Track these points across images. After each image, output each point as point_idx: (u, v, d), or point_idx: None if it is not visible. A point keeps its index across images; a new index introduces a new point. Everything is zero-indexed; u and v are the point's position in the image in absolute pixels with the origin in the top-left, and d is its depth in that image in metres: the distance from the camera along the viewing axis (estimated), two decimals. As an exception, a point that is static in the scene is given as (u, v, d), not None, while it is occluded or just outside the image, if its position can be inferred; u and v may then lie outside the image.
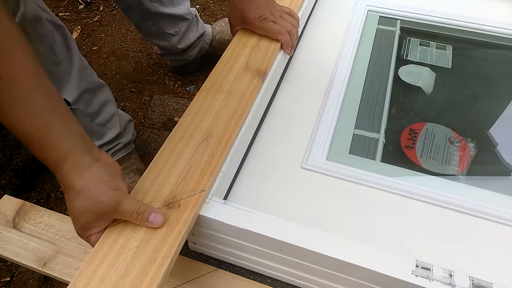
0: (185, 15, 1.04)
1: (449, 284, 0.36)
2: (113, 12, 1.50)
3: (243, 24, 0.65)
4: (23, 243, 0.48)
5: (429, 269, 0.37)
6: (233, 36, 0.66)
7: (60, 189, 1.01)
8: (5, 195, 0.54)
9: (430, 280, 0.36)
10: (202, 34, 1.11)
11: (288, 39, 0.63)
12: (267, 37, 0.63)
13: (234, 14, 0.64)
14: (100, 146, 0.89)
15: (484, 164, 0.60)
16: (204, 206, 0.43)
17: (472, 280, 0.36)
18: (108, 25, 1.43)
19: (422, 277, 0.36)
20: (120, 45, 1.33)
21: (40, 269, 0.45)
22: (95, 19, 1.47)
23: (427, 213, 0.50)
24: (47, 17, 0.69)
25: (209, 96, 0.54)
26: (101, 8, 1.55)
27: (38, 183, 0.99)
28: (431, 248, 0.46)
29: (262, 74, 0.57)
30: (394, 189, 0.52)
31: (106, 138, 0.88)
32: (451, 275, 0.36)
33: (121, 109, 1.04)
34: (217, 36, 1.17)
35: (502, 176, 0.59)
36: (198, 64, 1.19)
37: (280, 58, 0.63)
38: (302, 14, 0.73)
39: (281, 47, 0.63)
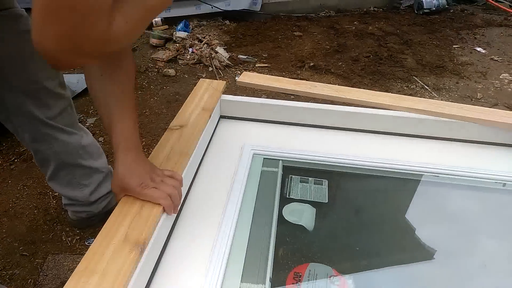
0: (102, 169, 1.08)
1: None
2: (11, 167, 1.48)
3: (125, 191, 0.69)
4: None
5: None
6: (116, 200, 0.70)
7: None
8: None
9: None
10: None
11: (170, 203, 0.68)
12: (149, 202, 0.68)
13: (116, 183, 0.69)
14: None
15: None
16: None
17: None
18: (3, 182, 1.40)
19: None
20: (15, 203, 1.29)
21: None
22: (-12, 176, 1.44)
23: None
24: None
25: (81, 280, 0.54)
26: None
27: None
28: None
29: (140, 246, 0.60)
30: None
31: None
32: None
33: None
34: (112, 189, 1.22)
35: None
36: (102, 217, 1.20)
37: (162, 221, 0.67)
38: (188, 169, 0.81)
39: (164, 211, 0.68)
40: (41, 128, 0.95)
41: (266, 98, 1.86)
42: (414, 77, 2.22)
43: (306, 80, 2.22)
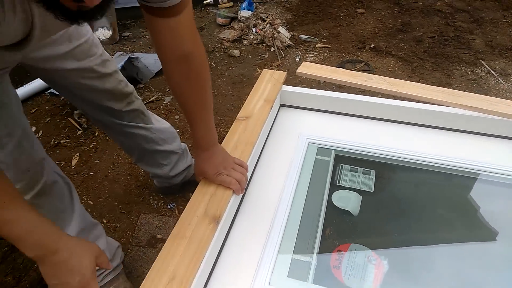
0: (176, 150, 1.27)
1: None
2: (107, 138, 1.74)
3: (204, 177, 0.85)
4: None
5: None
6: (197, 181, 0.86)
7: None
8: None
9: None
10: (189, 166, 1.34)
11: (238, 186, 0.82)
12: (222, 185, 0.83)
13: (197, 170, 0.85)
14: None
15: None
16: None
17: None
18: (102, 151, 1.66)
19: None
20: (112, 169, 1.55)
21: None
22: (91, 146, 1.71)
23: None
24: (59, 179, 0.90)
25: (175, 242, 0.71)
26: (96, 133, 1.80)
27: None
28: None
29: (217, 219, 0.75)
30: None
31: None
32: None
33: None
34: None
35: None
36: (180, 187, 1.40)
37: (232, 200, 0.82)
38: (251, 157, 0.94)
39: (233, 192, 0.83)
40: (121, 128, 1.13)
41: (325, 85, 1.91)
42: (480, 60, 2.10)
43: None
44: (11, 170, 0.81)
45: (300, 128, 1.10)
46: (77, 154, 1.66)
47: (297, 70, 1.25)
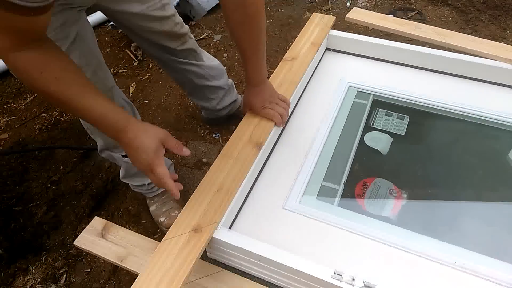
0: (223, 86, 1.37)
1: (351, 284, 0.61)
2: (160, 71, 1.86)
3: (251, 108, 0.94)
4: (108, 247, 0.78)
5: (341, 275, 0.62)
6: (244, 114, 0.95)
7: (121, 209, 1.33)
8: (96, 217, 0.84)
9: (340, 281, 0.62)
10: (234, 101, 1.44)
11: (280, 120, 0.91)
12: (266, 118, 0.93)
13: (245, 102, 0.94)
14: (148, 184, 1.21)
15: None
16: (215, 231, 0.71)
17: (364, 282, 0.61)
18: (156, 82, 1.79)
19: (336, 279, 0.62)
20: (165, 99, 1.68)
21: (119, 263, 0.74)
22: (146, 77, 1.84)
23: (362, 244, 0.75)
24: (126, 104, 1.04)
25: (223, 160, 0.83)
26: (151, 66, 1.93)
27: (105, 205, 1.33)
28: (355, 263, 0.72)
29: (259, 146, 0.86)
30: (342, 226, 0.78)
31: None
32: (353, 279, 0.62)
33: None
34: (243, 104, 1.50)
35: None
36: (225, 118, 1.51)
37: (274, 131, 0.91)
38: (294, 95, 1.01)
39: (275, 124, 0.92)
40: (175, 64, 1.23)
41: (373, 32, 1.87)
42: (543, 15, 1.94)
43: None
44: None
45: (342, 72, 1.15)
46: (134, 83, 1.80)
47: (346, 16, 1.26)
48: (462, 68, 1.09)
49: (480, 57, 1.09)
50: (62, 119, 1.67)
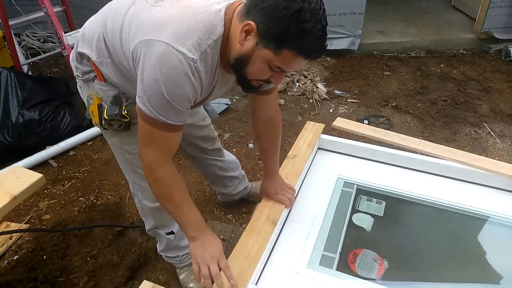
0: (238, 176, 1.63)
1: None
2: (180, 162, 2.13)
3: (267, 194, 1.19)
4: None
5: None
6: (261, 197, 1.19)
7: (152, 278, 1.46)
8: (144, 281, 1.01)
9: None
10: (245, 187, 1.69)
11: (289, 203, 1.15)
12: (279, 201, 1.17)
13: (262, 190, 1.19)
14: (182, 255, 1.38)
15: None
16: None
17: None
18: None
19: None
20: (186, 186, 1.91)
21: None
22: (170, 167, 2.10)
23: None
24: None
25: (248, 234, 1.04)
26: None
27: (138, 275, 1.46)
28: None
29: (275, 223, 1.08)
30: (339, 285, 0.96)
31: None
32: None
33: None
34: (252, 190, 1.75)
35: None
36: (238, 202, 1.75)
37: (285, 211, 1.15)
38: (297, 185, 1.27)
39: (285, 206, 1.16)
40: (205, 160, 1.50)
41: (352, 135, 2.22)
42: (483, 123, 2.35)
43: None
44: None
45: (332, 166, 1.42)
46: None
47: (332, 124, 1.59)
48: (421, 166, 1.38)
49: (435, 157, 1.39)
50: (98, 202, 1.86)
